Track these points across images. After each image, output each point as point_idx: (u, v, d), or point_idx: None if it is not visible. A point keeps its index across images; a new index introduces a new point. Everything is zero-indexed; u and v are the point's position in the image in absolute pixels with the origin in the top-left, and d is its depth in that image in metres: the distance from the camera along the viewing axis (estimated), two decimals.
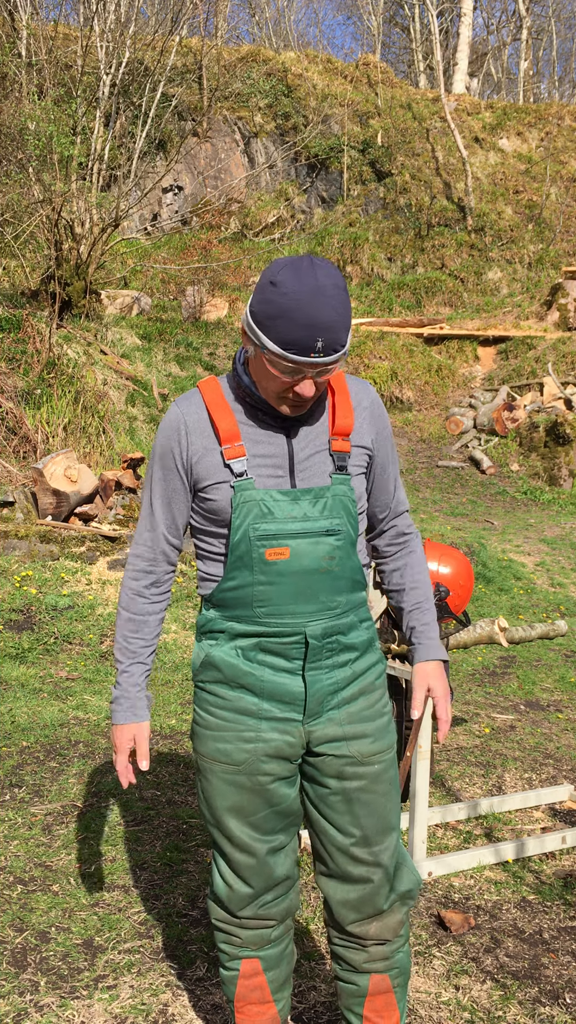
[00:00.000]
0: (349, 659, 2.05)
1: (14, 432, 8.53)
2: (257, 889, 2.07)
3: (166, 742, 4.51)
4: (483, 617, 6.99)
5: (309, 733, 2.02)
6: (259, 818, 2.04)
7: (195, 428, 1.99)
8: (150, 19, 21.33)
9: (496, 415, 13.56)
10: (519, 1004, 2.67)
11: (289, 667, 2.00)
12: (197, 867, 3.34)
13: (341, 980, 2.18)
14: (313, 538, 1.97)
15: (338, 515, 1.99)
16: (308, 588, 1.98)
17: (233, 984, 2.15)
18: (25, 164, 11.31)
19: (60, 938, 2.87)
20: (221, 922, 2.13)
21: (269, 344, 1.82)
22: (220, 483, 1.97)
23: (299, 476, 1.98)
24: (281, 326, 1.79)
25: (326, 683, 2.01)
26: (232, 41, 28.01)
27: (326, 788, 2.05)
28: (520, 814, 3.98)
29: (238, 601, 1.99)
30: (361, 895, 2.08)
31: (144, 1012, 2.55)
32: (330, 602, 2.00)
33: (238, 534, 1.95)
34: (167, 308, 14.86)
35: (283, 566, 1.96)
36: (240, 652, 2.01)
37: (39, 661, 5.62)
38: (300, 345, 1.80)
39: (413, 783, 3.40)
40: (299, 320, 1.78)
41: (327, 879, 2.12)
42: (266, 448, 1.97)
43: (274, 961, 2.15)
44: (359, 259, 18.18)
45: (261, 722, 2.00)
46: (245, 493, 1.94)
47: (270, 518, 1.94)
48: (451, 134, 19.87)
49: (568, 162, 20.74)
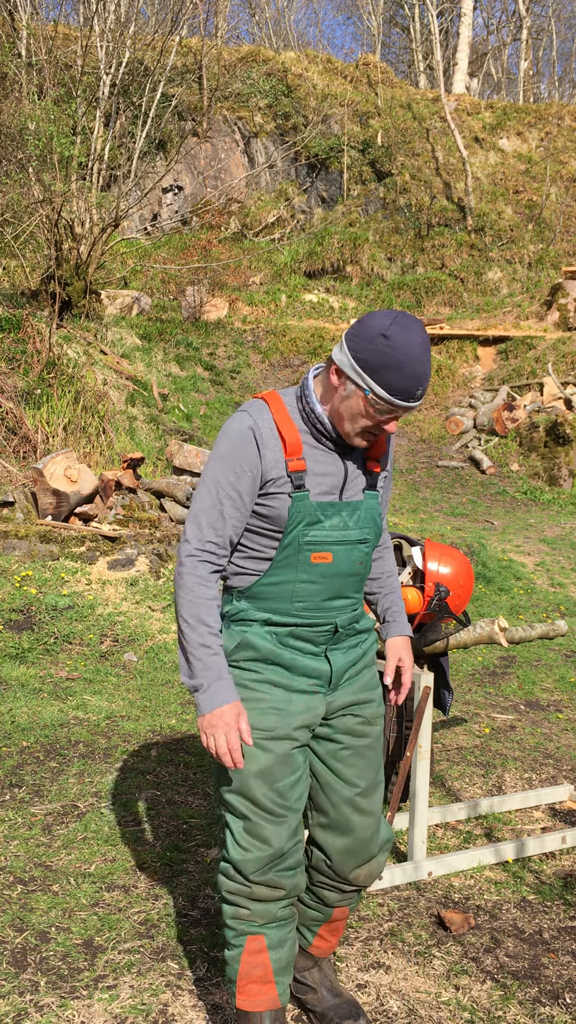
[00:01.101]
0: (360, 640, 2.39)
1: (14, 432, 8.53)
2: (274, 850, 2.23)
3: (166, 742, 4.51)
4: (483, 617, 6.99)
5: (330, 703, 2.32)
6: (283, 785, 2.24)
7: (267, 437, 2.18)
8: (150, 19, 21.34)
9: (496, 415, 13.56)
10: (519, 1004, 2.67)
11: (315, 651, 2.30)
12: (197, 867, 3.34)
13: (307, 906, 2.50)
14: (350, 545, 2.26)
15: (368, 526, 2.29)
16: (341, 588, 2.28)
17: (237, 962, 2.27)
18: (25, 164, 11.31)
19: (60, 938, 2.87)
20: (232, 893, 2.26)
21: (378, 390, 2.08)
22: (281, 492, 2.19)
23: (346, 492, 2.26)
24: (393, 376, 2.06)
25: (343, 661, 2.34)
26: (232, 41, 28.03)
27: (339, 744, 2.35)
28: (520, 814, 3.98)
29: (277, 595, 2.25)
30: (359, 842, 2.37)
31: (144, 1012, 2.55)
32: (355, 598, 2.33)
33: (289, 538, 2.21)
34: (167, 308, 14.86)
35: (325, 568, 2.24)
36: (274, 636, 2.27)
37: (39, 661, 5.62)
38: (406, 393, 2.08)
39: (413, 783, 3.40)
40: (408, 372, 2.06)
41: (326, 830, 2.38)
42: (325, 467, 2.23)
43: (278, 941, 2.28)
44: (359, 259, 18.17)
45: (292, 694, 2.26)
46: (301, 504, 2.19)
47: (319, 527, 2.21)
48: (451, 134, 19.87)
49: (568, 162, 20.74)
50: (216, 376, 13.31)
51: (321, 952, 2.58)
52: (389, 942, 2.94)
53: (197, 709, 2.18)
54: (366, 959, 2.85)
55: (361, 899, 2.60)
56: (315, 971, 2.57)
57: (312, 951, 2.57)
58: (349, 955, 2.87)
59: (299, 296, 16.73)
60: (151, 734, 4.61)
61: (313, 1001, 2.51)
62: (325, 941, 2.56)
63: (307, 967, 2.58)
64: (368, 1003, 2.64)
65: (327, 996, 2.51)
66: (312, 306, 16.53)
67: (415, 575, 3.48)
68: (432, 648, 3.59)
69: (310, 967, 2.58)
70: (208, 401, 12.53)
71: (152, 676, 5.56)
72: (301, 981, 2.56)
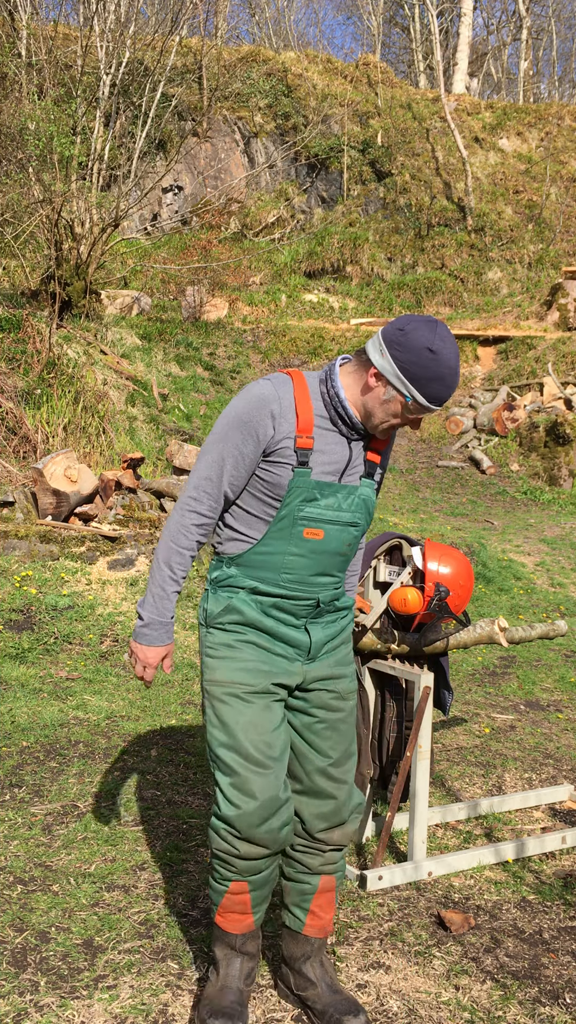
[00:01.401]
0: (339, 617, 2.53)
1: (14, 432, 8.53)
2: (264, 802, 2.35)
3: (166, 742, 4.51)
4: (483, 617, 6.99)
5: (307, 672, 2.46)
6: (271, 736, 2.39)
7: (284, 409, 2.31)
8: (150, 19, 21.34)
9: (496, 415, 13.56)
10: (519, 1004, 2.67)
11: (296, 623, 2.44)
12: (197, 867, 3.34)
13: (294, 881, 2.59)
14: (341, 526, 2.39)
15: (360, 511, 2.42)
16: (328, 565, 2.42)
17: (220, 896, 2.48)
18: (25, 164, 11.31)
19: (60, 938, 2.86)
20: (222, 852, 2.42)
21: (420, 399, 2.27)
22: (285, 463, 2.32)
23: (346, 476, 2.40)
24: (435, 387, 2.25)
25: (322, 636, 2.48)
26: (232, 41, 28.02)
27: (314, 717, 2.50)
28: (520, 814, 3.98)
29: (267, 565, 2.38)
30: (331, 808, 2.52)
31: (144, 1012, 2.55)
32: (339, 577, 2.47)
33: (285, 509, 2.34)
34: (167, 308, 14.86)
35: (315, 545, 2.37)
36: (259, 605, 2.41)
37: (39, 661, 5.62)
38: (441, 400, 2.28)
39: (413, 783, 3.40)
40: (449, 383, 2.25)
41: (300, 796, 2.53)
42: (332, 450, 2.36)
43: (259, 884, 2.47)
44: (359, 259, 18.17)
45: (273, 657, 2.43)
46: (301, 479, 2.32)
47: (315, 504, 2.35)
48: (451, 134, 19.86)
49: (568, 162, 20.74)
50: (216, 376, 13.31)
51: (316, 932, 2.60)
52: (389, 942, 2.94)
53: (134, 633, 2.44)
54: (366, 959, 2.85)
55: (344, 874, 2.69)
56: (316, 965, 2.59)
57: (308, 932, 2.60)
58: (349, 955, 2.87)
59: (299, 296, 16.73)
60: (151, 734, 4.61)
61: (313, 997, 2.56)
62: (318, 918, 2.60)
63: (304, 955, 2.60)
64: (368, 1003, 2.64)
65: (326, 992, 2.55)
66: (312, 306, 16.53)
67: (415, 575, 3.48)
68: (432, 648, 3.59)
69: (308, 955, 2.60)
70: (208, 401, 12.53)
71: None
72: (300, 974, 2.60)
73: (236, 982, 2.49)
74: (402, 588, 3.48)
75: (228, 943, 2.51)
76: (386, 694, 3.65)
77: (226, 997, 2.46)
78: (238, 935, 2.50)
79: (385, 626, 3.57)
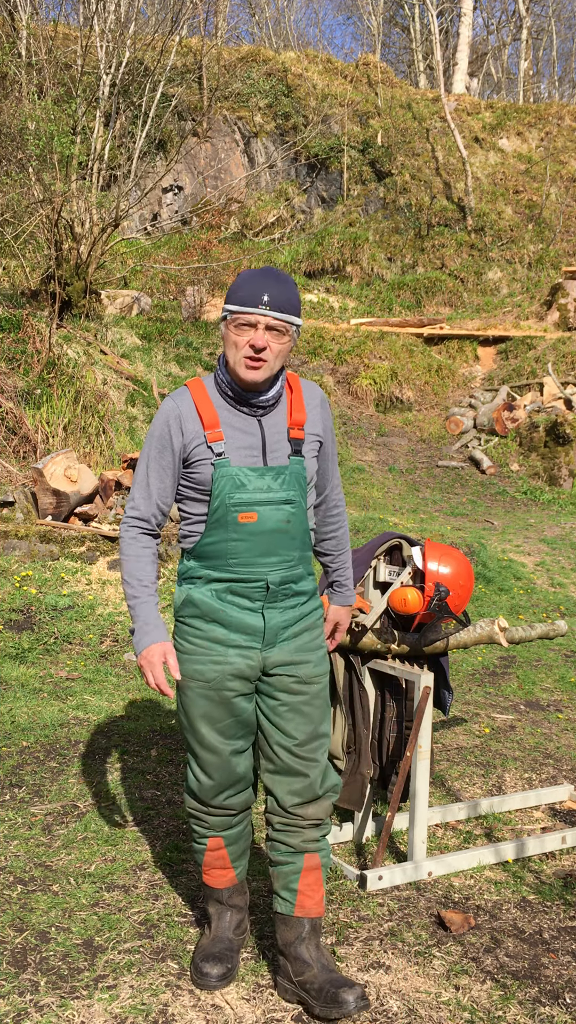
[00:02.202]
0: (298, 602, 2.63)
1: (14, 432, 8.52)
2: (220, 782, 2.63)
3: (166, 742, 4.51)
4: (483, 617, 6.99)
5: (265, 659, 2.59)
6: (224, 725, 2.60)
7: (186, 416, 2.53)
8: (150, 19, 21.34)
9: (496, 415, 13.55)
10: (519, 1004, 2.67)
11: (252, 607, 2.57)
12: (197, 867, 3.33)
13: (280, 864, 2.68)
14: (275, 505, 2.53)
15: (293, 488, 2.55)
16: (270, 545, 2.54)
17: (201, 855, 2.75)
18: (25, 164, 11.31)
19: (60, 938, 2.87)
20: (193, 810, 2.71)
21: (231, 308, 2.45)
22: (203, 460, 2.51)
23: (270, 456, 2.55)
24: (237, 295, 2.45)
25: (280, 620, 2.59)
26: (232, 41, 28.01)
27: (277, 701, 2.61)
28: (520, 814, 3.98)
29: (215, 553, 2.55)
30: (303, 785, 2.64)
31: (144, 1012, 2.55)
32: (287, 556, 2.57)
33: (216, 501, 2.50)
34: (167, 308, 14.86)
35: (252, 527, 2.52)
36: (214, 593, 2.57)
37: (39, 661, 5.62)
38: (250, 301, 2.43)
39: (413, 783, 3.40)
40: (248, 285, 2.45)
41: (273, 775, 2.65)
42: (244, 434, 2.53)
43: (234, 839, 2.74)
44: (359, 259, 18.17)
45: (228, 649, 2.56)
46: (223, 469, 2.50)
47: (243, 489, 2.50)
48: (451, 134, 19.86)
49: (568, 162, 20.74)
50: None
51: (307, 912, 2.65)
52: (389, 942, 2.94)
53: (134, 650, 2.55)
54: (366, 959, 2.85)
55: (329, 854, 2.73)
56: (311, 947, 2.63)
57: (299, 913, 2.64)
58: (349, 955, 2.87)
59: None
60: (151, 734, 4.61)
61: (310, 978, 2.58)
62: (308, 897, 2.65)
63: (297, 938, 2.64)
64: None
65: (322, 971, 2.59)
66: (312, 306, 16.52)
67: (415, 575, 3.48)
68: (432, 648, 3.59)
69: (300, 937, 2.64)
70: None
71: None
72: (295, 957, 2.62)
73: (226, 932, 2.75)
74: (402, 588, 3.48)
75: (216, 899, 2.79)
76: (386, 694, 3.65)
77: (217, 945, 2.72)
78: (223, 889, 2.77)
79: (385, 626, 3.57)
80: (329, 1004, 2.50)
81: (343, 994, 2.49)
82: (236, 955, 2.71)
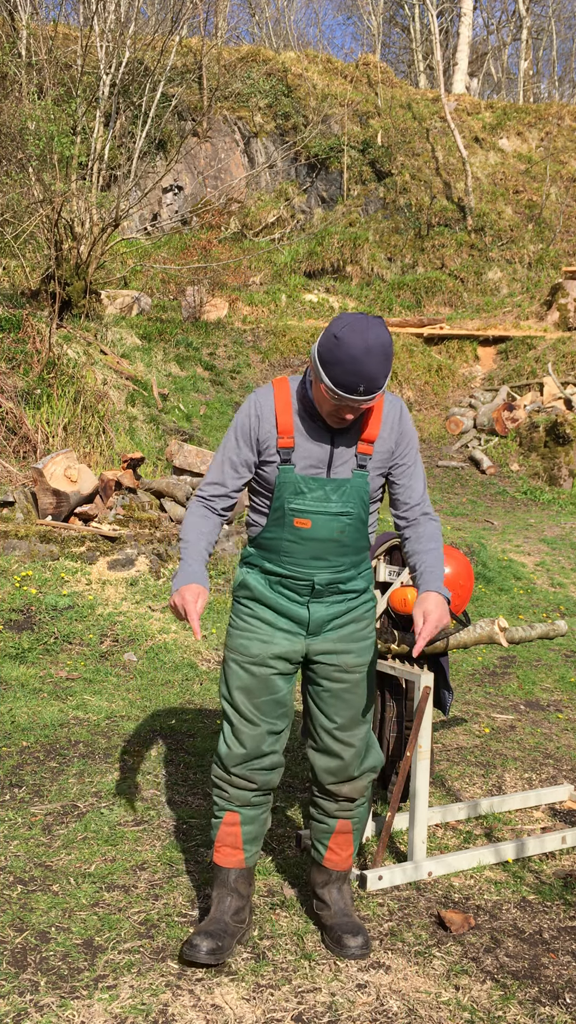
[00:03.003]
0: (346, 599, 2.79)
1: (14, 432, 8.53)
2: (248, 752, 2.77)
3: (166, 742, 4.51)
4: (483, 617, 6.99)
5: (309, 646, 2.79)
6: (260, 701, 2.76)
7: (265, 416, 2.68)
8: (150, 19, 21.33)
9: (496, 415, 13.55)
10: (519, 1004, 2.67)
11: (299, 600, 2.76)
12: (197, 867, 3.34)
13: (315, 820, 2.96)
14: (330, 516, 2.67)
15: (352, 501, 2.68)
16: (322, 551, 2.71)
17: (216, 829, 2.87)
18: (25, 164, 11.30)
19: (60, 938, 2.87)
20: (217, 778, 2.85)
21: (327, 381, 2.48)
22: (271, 462, 2.68)
23: (334, 470, 2.68)
24: (337, 371, 2.46)
25: (325, 613, 2.77)
26: (232, 41, 28.00)
27: (320, 687, 2.81)
28: (520, 814, 3.98)
29: (271, 547, 2.74)
30: (339, 765, 2.84)
31: (144, 1012, 2.55)
32: (336, 562, 2.73)
33: (277, 502, 2.69)
34: (167, 308, 14.85)
35: (306, 532, 2.68)
36: (267, 582, 2.78)
37: (39, 661, 5.62)
38: (347, 387, 2.47)
39: (413, 783, 3.40)
40: (349, 369, 2.44)
41: (315, 752, 2.88)
42: (314, 445, 2.66)
43: (249, 819, 2.84)
44: (359, 259, 18.17)
45: (275, 631, 2.77)
46: (286, 475, 2.66)
47: (301, 497, 2.66)
48: (451, 134, 19.86)
49: (568, 162, 20.74)
50: (216, 376, 13.31)
51: (334, 865, 2.95)
52: (389, 942, 2.94)
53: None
54: (366, 959, 2.85)
55: (364, 820, 2.98)
56: (333, 891, 2.95)
57: (326, 864, 2.96)
58: None
59: (299, 296, 16.72)
60: (151, 734, 4.61)
61: (326, 916, 2.93)
62: (336, 855, 2.95)
63: (324, 882, 2.96)
64: (368, 1003, 2.64)
65: (337, 914, 2.91)
66: (312, 306, 16.52)
67: None
68: (432, 648, 3.59)
69: (327, 882, 2.96)
70: (208, 401, 12.53)
71: (152, 676, 5.56)
72: (319, 898, 2.97)
73: (224, 915, 2.83)
74: (402, 588, 3.48)
75: (222, 880, 2.86)
76: (386, 694, 3.65)
77: (212, 924, 2.80)
78: (231, 870, 2.86)
79: (385, 626, 3.58)
80: (335, 943, 2.85)
81: (347, 939, 2.82)
82: (230, 939, 2.78)
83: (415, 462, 2.78)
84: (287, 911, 3.10)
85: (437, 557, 2.75)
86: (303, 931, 2.98)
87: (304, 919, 3.05)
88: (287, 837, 3.62)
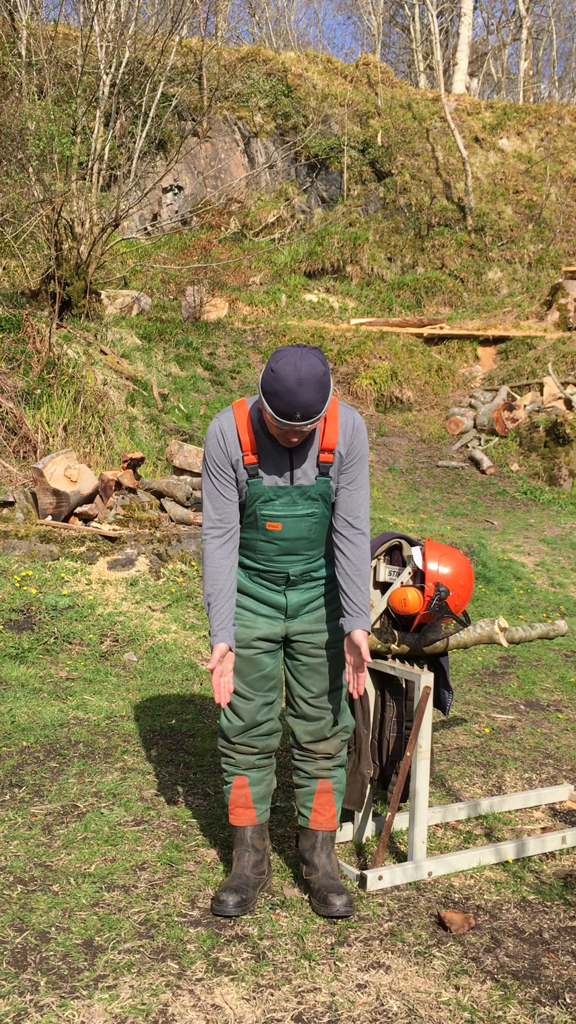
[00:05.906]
0: (316, 585, 3.17)
1: (14, 432, 8.53)
2: (246, 723, 3.16)
3: (166, 742, 4.51)
4: (483, 617, 6.99)
5: (288, 627, 3.18)
6: (251, 679, 3.15)
7: (229, 438, 2.99)
8: (150, 19, 21.32)
9: (496, 415, 13.55)
10: (519, 1004, 2.67)
11: (277, 589, 3.16)
12: (197, 867, 3.34)
13: (299, 786, 3.26)
14: (297, 518, 3.04)
15: (316, 503, 3.04)
16: (293, 548, 3.09)
17: (228, 794, 3.21)
18: (25, 164, 11.30)
19: (60, 938, 2.87)
20: (223, 748, 3.22)
21: (268, 410, 2.79)
22: (242, 478, 3.00)
23: (296, 477, 3.01)
24: (276, 402, 2.76)
25: (299, 599, 3.16)
26: (232, 41, 28.00)
27: (299, 661, 3.19)
28: (520, 814, 3.98)
29: (249, 547, 3.13)
30: (316, 727, 3.20)
31: (144, 1012, 2.55)
32: (307, 555, 3.13)
33: (250, 510, 3.05)
34: (167, 308, 14.85)
35: (277, 534, 3.06)
36: (248, 575, 3.17)
37: (39, 661, 5.62)
38: (285, 415, 2.77)
39: (413, 783, 3.40)
40: (285, 399, 2.74)
41: (294, 718, 3.23)
42: (275, 457, 2.99)
43: (256, 780, 3.20)
44: (359, 259, 18.16)
45: (257, 617, 3.16)
46: (255, 487, 3.01)
47: (270, 504, 3.02)
48: (451, 134, 19.86)
49: (568, 162, 20.73)
50: (216, 376, 13.30)
51: (319, 825, 3.22)
52: (389, 942, 2.94)
53: None
54: (366, 959, 2.85)
55: (342, 782, 3.27)
56: (322, 855, 3.19)
57: (312, 826, 3.23)
58: (349, 955, 2.87)
59: (299, 296, 16.72)
60: (151, 734, 4.61)
61: (314, 879, 3.16)
62: (320, 814, 3.22)
63: (311, 846, 3.21)
64: (368, 1003, 2.64)
65: (324, 877, 3.15)
66: (312, 306, 16.52)
67: (415, 575, 3.47)
68: (432, 648, 3.59)
69: (314, 845, 3.21)
70: (208, 401, 12.52)
71: (152, 676, 5.55)
72: (307, 861, 3.21)
73: (244, 870, 3.13)
74: (402, 588, 3.48)
75: (240, 839, 3.19)
76: (386, 694, 3.65)
77: (235, 880, 3.09)
78: (247, 828, 3.19)
79: (385, 626, 3.57)
80: (321, 903, 3.08)
81: (332, 897, 3.06)
82: (253, 891, 3.08)
83: (360, 474, 3.04)
84: (287, 911, 3.10)
85: (361, 582, 3.04)
86: (303, 931, 2.98)
87: (304, 919, 3.05)
88: (287, 837, 3.62)
